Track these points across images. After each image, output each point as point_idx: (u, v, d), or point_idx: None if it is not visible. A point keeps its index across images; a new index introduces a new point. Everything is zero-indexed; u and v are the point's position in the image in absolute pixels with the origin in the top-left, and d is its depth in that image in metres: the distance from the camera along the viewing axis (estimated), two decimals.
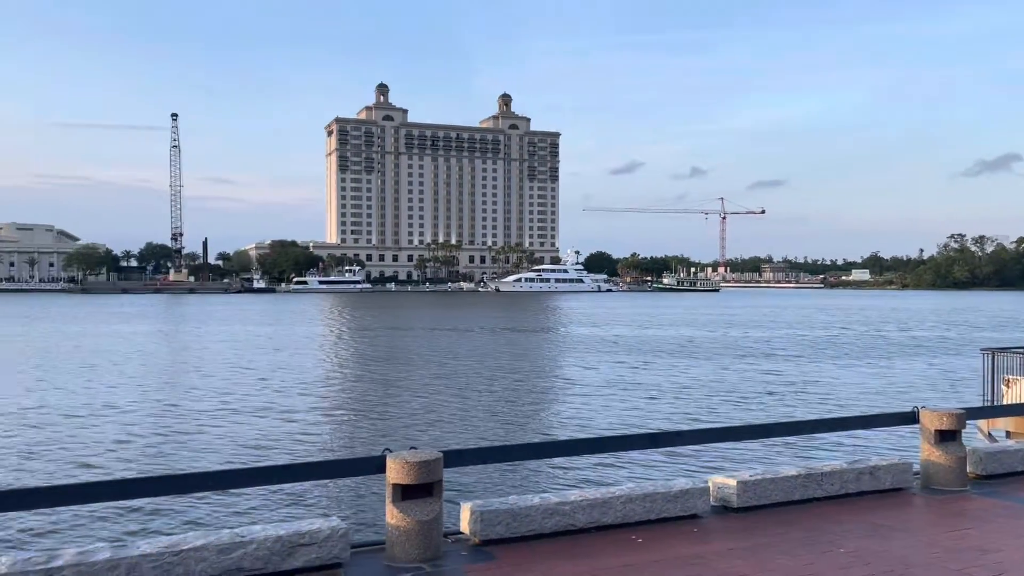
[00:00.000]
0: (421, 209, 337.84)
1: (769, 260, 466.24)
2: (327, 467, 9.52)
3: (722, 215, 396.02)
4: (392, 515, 6.87)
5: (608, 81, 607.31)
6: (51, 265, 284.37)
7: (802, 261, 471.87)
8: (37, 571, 5.45)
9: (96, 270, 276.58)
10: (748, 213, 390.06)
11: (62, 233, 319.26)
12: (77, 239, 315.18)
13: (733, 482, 8.85)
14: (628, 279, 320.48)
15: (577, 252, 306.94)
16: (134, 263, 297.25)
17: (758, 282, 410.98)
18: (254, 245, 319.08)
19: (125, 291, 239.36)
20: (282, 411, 31.43)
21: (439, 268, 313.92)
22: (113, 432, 26.94)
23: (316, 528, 6.49)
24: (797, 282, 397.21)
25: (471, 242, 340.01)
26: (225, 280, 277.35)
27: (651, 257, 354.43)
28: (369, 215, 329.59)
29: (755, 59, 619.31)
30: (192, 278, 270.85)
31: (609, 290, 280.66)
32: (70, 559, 5.60)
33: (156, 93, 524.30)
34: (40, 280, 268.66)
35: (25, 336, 72.90)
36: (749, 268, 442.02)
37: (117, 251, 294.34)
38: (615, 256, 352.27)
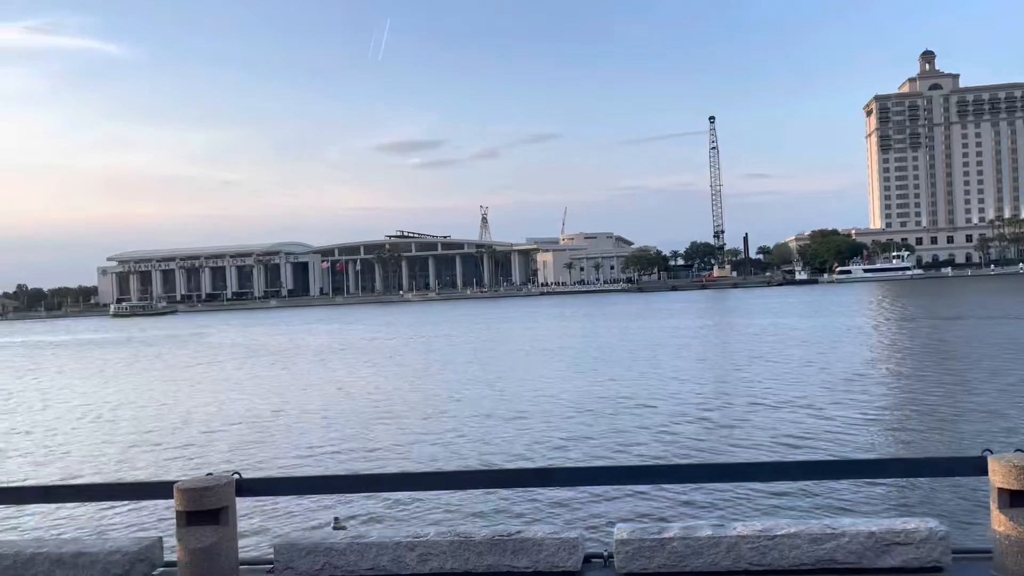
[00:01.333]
0: (980, 183, 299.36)
1: None
2: (920, 465, 8.95)
3: None
4: (1000, 522, 6.15)
5: None
6: (612, 268, 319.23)
7: None
8: (652, 540, 6.04)
9: (648, 270, 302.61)
10: None
11: (619, 239, 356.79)
12: (631, 243, 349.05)
13: None
14: None
15: None
16: (680, 262, 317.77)
17: None
18: (794, 237, 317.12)
19: (674, 288, 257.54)
20: (822, 405, 30.66)
21: (1007, 247, 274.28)
22: (659, 420, 29.10)
23: (912, 527, 6.18)
24: None
25: None
26: (767, 273, 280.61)
27: None
28: (916, 195, 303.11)
29: None
30: (735, 273, 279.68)
31: None
32: (677, 532, 6.10)
33: (694, 99, 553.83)
34: (604, 282, 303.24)
35: (592, 330, 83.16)
36: None
37: (665, 251, 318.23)
38: None
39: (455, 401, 36.22)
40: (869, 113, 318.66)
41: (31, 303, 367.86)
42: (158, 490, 7.21)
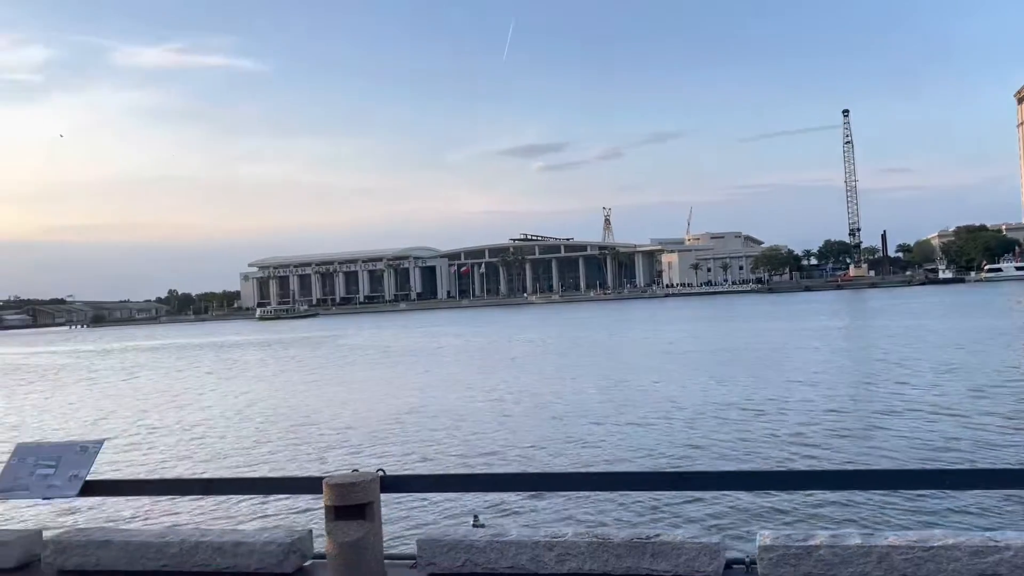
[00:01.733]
0: None
1: None
2: None
3: None
4: None
5: None
6: (740, 268, 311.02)
7: None
8: (798, 547, 5.80)
9: (779, 270, 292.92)
10: None
11: (748, 238, 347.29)
12: (761, 242, 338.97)
13: None
14: None
15: None
16: (813, 261, 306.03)
17: None
18: (936, 233, 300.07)
19: (808, 288, 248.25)
20: (966, 412, 28.96)
21: None
22: (791, 427, 28.22)
23: None
24: None
25: None
26: (907, 272, 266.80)
27: None
28: None
29: None
30: (872, 272, 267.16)
31: None
32: (824, 540, 5.82)
33: (826, 92, 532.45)
34: (731, 283, 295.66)
35: (718, 334, 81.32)
36: None
37: (797, 251, 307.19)
38: None
39: (580, 403, 36.31)
40: (1021, 100, 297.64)
41: (180, 307, 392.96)
42: (306, 485, 7.67)
